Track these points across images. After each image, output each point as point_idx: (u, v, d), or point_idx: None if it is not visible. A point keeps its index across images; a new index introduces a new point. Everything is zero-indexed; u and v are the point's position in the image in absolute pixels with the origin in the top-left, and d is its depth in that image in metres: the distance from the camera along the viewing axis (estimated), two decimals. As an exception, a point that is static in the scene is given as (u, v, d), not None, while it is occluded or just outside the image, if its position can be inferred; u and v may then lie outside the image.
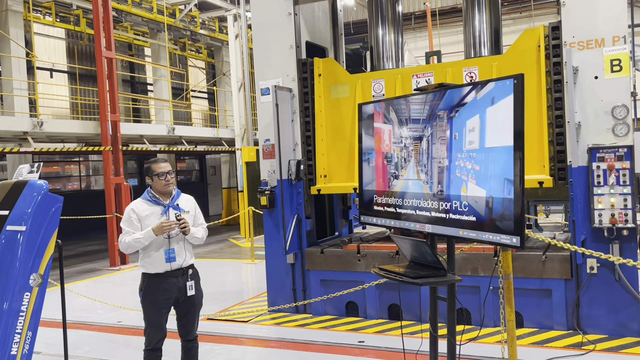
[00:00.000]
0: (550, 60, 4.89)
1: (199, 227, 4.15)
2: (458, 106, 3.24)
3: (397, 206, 3.75)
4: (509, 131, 2.79)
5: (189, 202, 4.16)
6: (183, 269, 4.02)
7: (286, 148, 5.82)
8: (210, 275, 9.65)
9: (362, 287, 5.39)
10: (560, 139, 4.88)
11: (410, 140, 3.71)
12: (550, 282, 4.89)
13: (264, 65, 6.05)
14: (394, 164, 3.85)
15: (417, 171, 3.61)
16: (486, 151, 2.93)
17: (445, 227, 3.14)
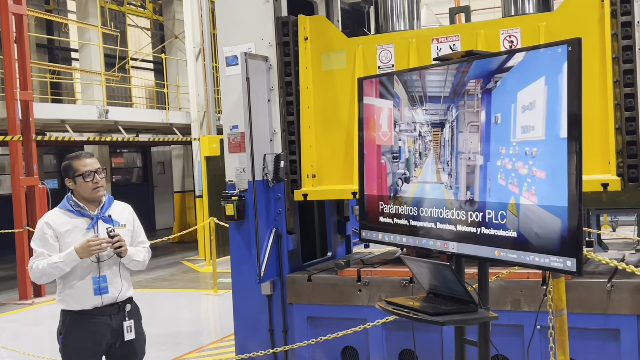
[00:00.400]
0: (618, 20, 4.92)
1: (139, 246, 4.13)
2: (500, 71, 3.21)
3: (410, 217, 3.75)
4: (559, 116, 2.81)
5: (125, 213, 4.14)
6: (118, 304, 4.00)
7: (261, 138, 5.80)
8: (158, 311, 9.64)
9: (364, 327, 5.38)
10: (631, 126, 4.91)
11: (428, 127, 3.71)
12: (618, 319, 4.91)
13: (230, 26, 6.03)
14: (402, 162, 3.85)
15: (436, 171, 3.61)
16: (555, 143, 2.88)
17: (476, 245, 3.15)
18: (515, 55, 3.11)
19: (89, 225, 3.96)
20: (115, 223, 4.00)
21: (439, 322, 2.99)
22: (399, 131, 3.96)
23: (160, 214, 22.14)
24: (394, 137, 4.00)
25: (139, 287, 11.37)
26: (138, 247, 4.13)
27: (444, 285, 3.24)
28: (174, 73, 19.25)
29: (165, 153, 22.44)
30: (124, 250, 3.92)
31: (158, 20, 20.54)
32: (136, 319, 4.09)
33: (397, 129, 3.98)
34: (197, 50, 15.34)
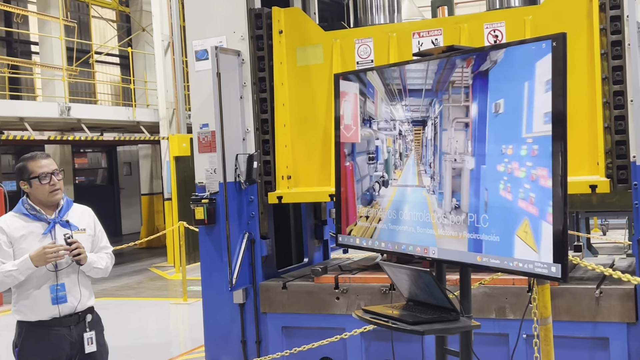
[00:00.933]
0: (607, 14, 4.97)
1: (100, 252, 4.11)
2: (500, 47, 3.12)
3: (389, 221, 3.77)
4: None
5: (84, 217, 4.11)
6: (78, 314, 3.97)
7: (232, 137, 5.79)
8: (124, 322, 9.58)
9: (342, 337, 5.39)
10: (620, 125, 4.96)
11: (408, 125, 3.70)
12: (607, 326, 4.96)
13: (200, 18, 6.01)
14: (380, 163, 3.84)
15: (417, 173, 3.60)
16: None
17: (457, 250, 3.17)
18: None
19: (45, 230, 3.93)
20: (73, 227, 3.96)
21: (419, 332, 3.01)
22: (378, 129, 3.96)
23: (127, 217, 22.01)
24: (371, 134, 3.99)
25: (104, 296, 11.30)
26: (99, 254, 4.10)
27: (424, 293, 3.26)
28: (141, 68, 19.13)
29: (132, 153, 22.30)
30: (83, 258, 3.89)
31: (124, 11, 20.42)
32: (97, 330, 4.06)
33: (376, 126, 3.97)
34: (165, 44, 15.27)
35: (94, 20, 20.58)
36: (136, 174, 21.33)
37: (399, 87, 3.80)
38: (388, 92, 3.89)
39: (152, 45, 16.79)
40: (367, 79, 4.01)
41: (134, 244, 12.56)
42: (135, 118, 16.24)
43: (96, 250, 4.09)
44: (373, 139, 4.02)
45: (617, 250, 11.65)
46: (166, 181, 15.10)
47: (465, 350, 3.16)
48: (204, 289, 6.11)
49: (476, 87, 3.20)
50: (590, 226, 12.03)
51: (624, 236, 11.61)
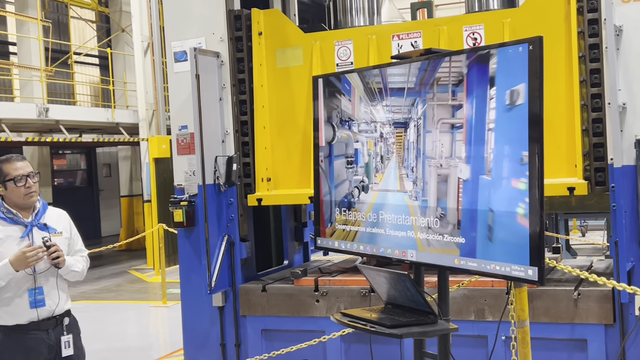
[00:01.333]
0: (584, 17, 5.01)
1: (76, 255, 4.09)
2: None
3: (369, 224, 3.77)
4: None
5: (60, 220, 4.10)
6: (56, 317, 3.96)
7: (212, 139, 5.77)
8: (104, 325, 9.52)
9: (321, 340, 5.40)
10: (598, 127, 5.00)
11: (390, 127, 3.69)
12: (585, 328, 5.00)
13: (179, 19, 5.99)
14: (360, 166, 3.83)
15: (399, 176, 3.59)
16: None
17: (435, 253, 3.18)
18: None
19: (23, 233, 3.91)
20: (51, 230, 3.96)
21: (397, 335, 3.02)
22: (358, 131, 3.94)
23: (106, 219, 21.88)
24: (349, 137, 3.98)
25: (83, 299, 11.24)
26: (76, 257, 4.09)
27: (402, 296, 3.26)
28: (120, 69, 19.03)
29: (111, 154, 22.18)
30: (62, 261, 3.88)
31: (103, 12, 20.31)
32: (75, 333, 4.05)
33: (356, 128, 3.96)
34: (145, 45, 15.20)
35: (73, 20, 20.43)
36: (115, 176, 21.22)
37: (380, 86, 3.76)
38: (368, 92, 3.86)
39: (131, 46, 16.71)
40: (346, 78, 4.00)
41: (113, 246, 12.50)
42: (115, 119, 16.15)
43: (72, 253, 4.09)
44: (352, 142, 4.02)
45: (596, 251, 11.74)
46: (146, 183, 15.05)
47: (443, 353, 3.17)
48: (182, 291, 6.08)
49: (474, 78, 3.14)
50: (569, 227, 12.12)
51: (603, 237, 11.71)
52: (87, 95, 21.39)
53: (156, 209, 13.88)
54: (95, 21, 21.06)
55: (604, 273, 5.38)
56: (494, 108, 3.00)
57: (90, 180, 22.36)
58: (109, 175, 22.44)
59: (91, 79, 21.48)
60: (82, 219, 20.73)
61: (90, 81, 21.39)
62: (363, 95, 3.89)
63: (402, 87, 3.62)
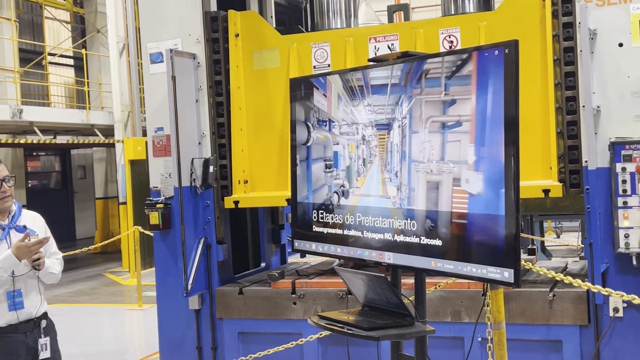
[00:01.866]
0: (559, 20, 5.06)
1: (51, 257, 4.09)
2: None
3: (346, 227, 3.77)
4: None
5: (36, 222, 4.12)
6: (34, 320, 3.97)
7: (188, 141, 5.75)
8: (78, 328, 9.45)
9: (299, 343, 5.39)
10: (572, 130, 5.05)
11: (372, 129, 3.63)
12: (560, 329, 5.04)
13: (154, 20, 5.96)
14: (341, 170, 3.81)
15: (381, 181, 3.55)
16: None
17: (413, 256, 3.20)
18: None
19: (1, 236, 3.93)
20: (31, 232, 3.98)
21: (374, 338, 3.02)
22: (340, 133, 3.91)
23: (81, 222, 21.70)
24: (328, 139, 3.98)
25: (57, 302, 11.14)
26: (52, 259, 4.11)
27: (379, 298, 3.27)
28: (95, 70, 18.89)
29: (86, 156, 22.01)
30: (42, 262, 3.92)
31: (78, 13, 20.15)
32: (52, 336, 4.07)
33: (337, 130, 3.93)
34: (120, 46, 15.11)
35: (48, 21, 20.25)
36: (90, 178, 21.06)
37: (360, 84, 3.72)
38: (348, 90, 3.81)
39: (107, 47, 16.60)
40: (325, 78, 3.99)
41: (88, 249, 12.40)
42: (90, 121, 16.04)
43: (47, 256, 4.08)
44: (330, 144, 4.01)
45: (571, 252, 11.85)
46: (121, 185, 14.95)
47: (420, 355, 3.18)
48: (158, 295, 6.05)
49: (482, 69, 3.08)
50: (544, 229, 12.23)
51: (577, 239, 11.83)
52: (62, 97, 21.20)
53: (132, 211, 13.80)
54: (70, 22, 20.89)
55: (578, 274, 5.43)
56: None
57: (64, 182, 22.17)
58: (83, 177, 22.27)
59: (66, 80, 21.30)
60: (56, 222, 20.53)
61: (65, 82, 21.20)
62: (342, 93, 3.87)
63: (385, 84, 3.54)
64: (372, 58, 3.84)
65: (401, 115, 3.44)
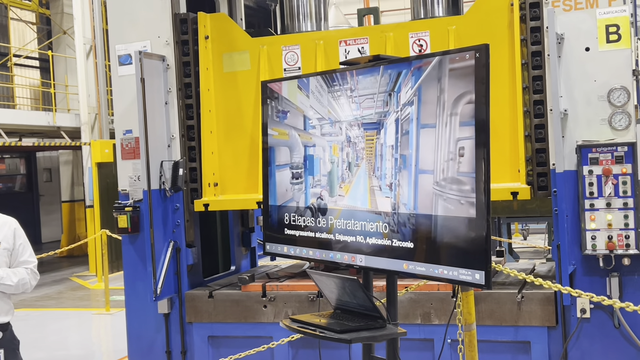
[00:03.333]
0: (527, 25, 5.11)
1: (19, 267, 3.95)
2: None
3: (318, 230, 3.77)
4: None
5: (3, 229, 3.99)
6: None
7: (157, 143, 5.71)
8: (45, 334, 9.32)
9: (269, 346, 5.38)
10: (540, 133, 5.11)
11: (359, 129, 3.34)
12: (529, 330, 5.09)
13: (123, 21, 5.91)
14: (323, 175, 3.70)
15: (369, 189, 3.35)
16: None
17: (384, 258, 3.20)
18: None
19: None
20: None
21: (346, 340, 3.02)
22: (321, 134, 3.76)
23: (47, 225, 21.44)
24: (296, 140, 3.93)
25: (23, 307, 10.98)
26: (16, 269, 3.97)
27: (351, 301, 3.27)
28: (62, 72, 18.68)
29: (52, 159, 21.75)
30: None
31: (44, 14, 19.91)
32: (8, 348, 3.92)
33: (320, 130, 3.74)
34: (87, 47, 14.97)
35: (13, 22, 19.98)
36: (57, 181, 20.82)
37: (347, 84, 3.48)
38: (327, 81, 3.63)
39: (73, 48, 16.43)
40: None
41: (54, 253, 12.24)
42: (56, 123, 15.86)
43: (15, 265, 3.94)
44: (298, 146, 3.98)
45: (538, 254, 11.99)
46: (88, 188, 14.80)
47: (392, 357, 3.19)
48: (127, 299, 5.99)
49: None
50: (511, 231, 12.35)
51: (544, 241, 11.97)
52: (27, 99, 20.93)
53: (99, 215, 13.67)
54: (35, 23, 20.63)
55: (546, 276, 5.49)
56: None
57: (30, 185, 21.89)
58: (49, 180, 22.01)
59: (31, 82, 21.03)
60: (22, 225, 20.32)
61: (31, 84, 20.93)
62: (321, 83, 3.73)
63: (377, 68, 3.19)
64: (344, 61, 3.85)
65: (399, 105, 3.11)
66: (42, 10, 19.77)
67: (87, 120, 15.18)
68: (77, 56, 15.24)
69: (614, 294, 4.82)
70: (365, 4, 17.26)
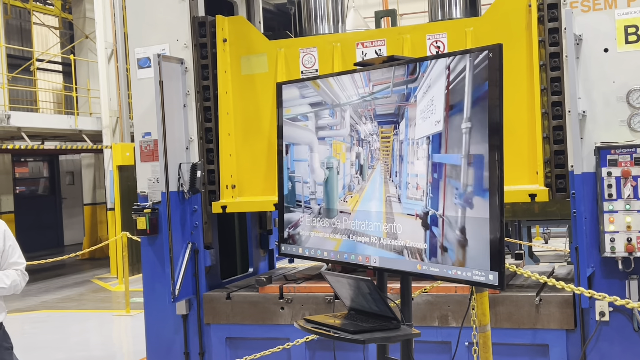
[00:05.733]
0: (545, 26, 5.09)
1: (9, 268, 3.98)
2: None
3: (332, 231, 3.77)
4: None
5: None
6: None
7: (176, 146, 5.75)
8: (66, 335, 9.40)
9: (286, 347, 5.39)
10: (558, 135, 5.08)
11: (374, 126, 3.14)
12: (547, 333, 5.06)
13: (142, 25, 5.96)
14: (317, 186, 3.71)
15: (383, 199, 3.20)
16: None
17: (398, 259, 3.20)
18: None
19: None
20: None
21: (360, 341, 3.03)
22: (317, 127, 3.71)
23: (69, 228, 21.60)
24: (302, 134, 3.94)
25: (44, 309, 11.07)
26: (8, 271, 3.99)
27: (365, 302, 3.28)
28: (84, 76, 18.85)
29: (74, 162, 21.93)
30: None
31: (67, 18, 20.11)
32: (2, 347, 3.95)
33: (311, 123, 3.71)
34: (109, 51, 15.10)
35: (36, 27, 20.20)
36: (79, 184, 20.99)
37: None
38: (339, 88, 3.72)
39: (95, 52, 16.57)
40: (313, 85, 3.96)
41: (75, 255, 12.36)
42: (78, 126, 16.00)
43: (4, 266, 3.97)
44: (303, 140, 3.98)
45: (559, 258, 11.89)
46: (109, 191, 14.91)
47: (407, 359, 3.19)
48: (146, 300, 6.03)
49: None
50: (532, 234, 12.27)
51: (565, 244, 11.87)
52: (50, 102, 21.15)
53: (120, 217, 13.76)
54: (58, 28, 20.85)
55: (565, 279, 5.44)
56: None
57: (52, 188, 22.08)
58: (71, 183, 22.19)
59: (54, 86, 21.24)
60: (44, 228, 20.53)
61: (53, 88, 21.15)
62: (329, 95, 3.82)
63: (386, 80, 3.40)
64: (359, 62, 3.86)
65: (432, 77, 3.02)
66: (64, 15, 19.97)
67: (108, 123, 15.30)
68: (98, 60, 15.38)
69: (633, 296, 4.78)
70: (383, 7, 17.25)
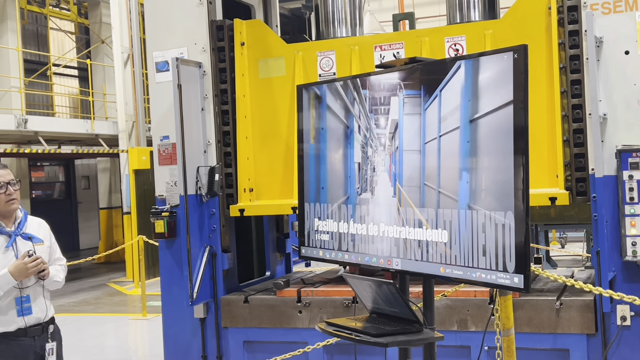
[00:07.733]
0: (565, 28, 5.06)
1: (55, 263, 4.14)
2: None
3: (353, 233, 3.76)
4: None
5: (41, 228, 4.15)
6: (42, 324, 4.01)
7: (194, 149, 5.75)
8: (82, 338, 9.43)
9: (304, 350, 5.37)
10: (579, 138, 5.04)
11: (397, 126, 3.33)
12: (567, 338, 5.02)
13: (160, 29, 5.98)
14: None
15: (408, 202, 3.24)
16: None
17: (421, 261, 3.17)
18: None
19: (7, 243, 3.97)
20: (36, 240, 4.02)
21: (382, 344, 3.00)
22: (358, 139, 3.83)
23: (85, 232, 21.72)
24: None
25: (61, 312, 11.12)
26: (56, 266, 4.15)
27: (387, 305, 3.25)
28: (100, 80, 18.96)
29: (90, 166, 22.04)
30: (47, 273, 3.97)
31: (83, 23, 20.22)
32: (58, 341, 4.12)
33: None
34: (125, 56, 15.16)
35: (52, 32, 20.33)
36: (94, 188, 21.09)
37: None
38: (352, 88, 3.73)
39: (111, 57, 16.66)
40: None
41: (92, 259, 12.40)
42: (94, 131, 16.08)
43: (51, 262, 4.13)
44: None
45: (576, 262, 11.82)
46: (125, 195, 14.96)
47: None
48: (163, 303, 6.04)
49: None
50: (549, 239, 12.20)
51: (582, 249, 11.80)
52: (66, 107, 21.27)
53: (136, 221, 13.81)
54: (74, 32, 20.96)
55: (585, 283, 5.41)
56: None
57: (68, 192, 22.20)
58: (87, 188, 22.30)
59: (70, 91, 21.36)
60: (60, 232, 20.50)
61: (70, 92, 21.27)
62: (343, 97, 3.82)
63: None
64: (380, 64, 3.84)
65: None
66: (80, 20, 20.08)
67: (124, 127, 15.36)
68: (114, 65, 15.45)
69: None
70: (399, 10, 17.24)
